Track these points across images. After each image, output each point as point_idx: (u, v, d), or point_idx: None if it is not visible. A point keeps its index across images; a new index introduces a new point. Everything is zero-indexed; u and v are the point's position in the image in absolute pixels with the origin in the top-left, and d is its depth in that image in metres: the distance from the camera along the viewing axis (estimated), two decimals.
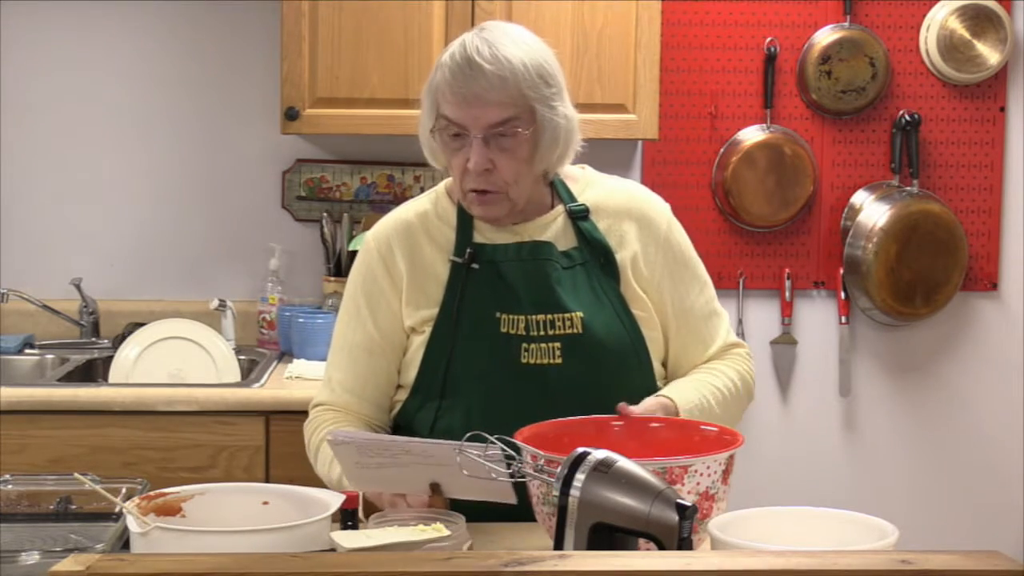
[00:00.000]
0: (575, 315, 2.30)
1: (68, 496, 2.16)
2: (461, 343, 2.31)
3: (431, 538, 1.94)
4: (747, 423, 4.09)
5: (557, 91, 2.29)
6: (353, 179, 3.96)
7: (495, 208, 2.32)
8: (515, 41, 2.27)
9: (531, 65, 2.25)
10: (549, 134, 2.28)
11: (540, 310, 2.30)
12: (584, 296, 2.32)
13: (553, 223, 2.37)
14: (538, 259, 2.33)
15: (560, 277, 2.32)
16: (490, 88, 2.23)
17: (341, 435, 2.11)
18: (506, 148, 2.26)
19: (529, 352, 2.29)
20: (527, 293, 2.31)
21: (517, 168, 2.28)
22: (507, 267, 2.33)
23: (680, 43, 4.01)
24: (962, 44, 4.03)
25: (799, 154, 4.03)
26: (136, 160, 3.95)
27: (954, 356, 4.17)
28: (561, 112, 2.29)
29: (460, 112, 2.25)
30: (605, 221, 2.37)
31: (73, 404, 3.25)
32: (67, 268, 3.90)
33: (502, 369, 2.29)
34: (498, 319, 2.31)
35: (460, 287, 2.32)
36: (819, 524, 1.88)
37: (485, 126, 2.24)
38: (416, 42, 3.58)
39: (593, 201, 2.39)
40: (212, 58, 3.94)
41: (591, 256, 2.35)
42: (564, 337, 2.30)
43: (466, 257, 2.33)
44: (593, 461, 1.73)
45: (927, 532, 4.08)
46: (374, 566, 1.44)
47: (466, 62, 2.24)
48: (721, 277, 4.07)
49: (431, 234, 2.39)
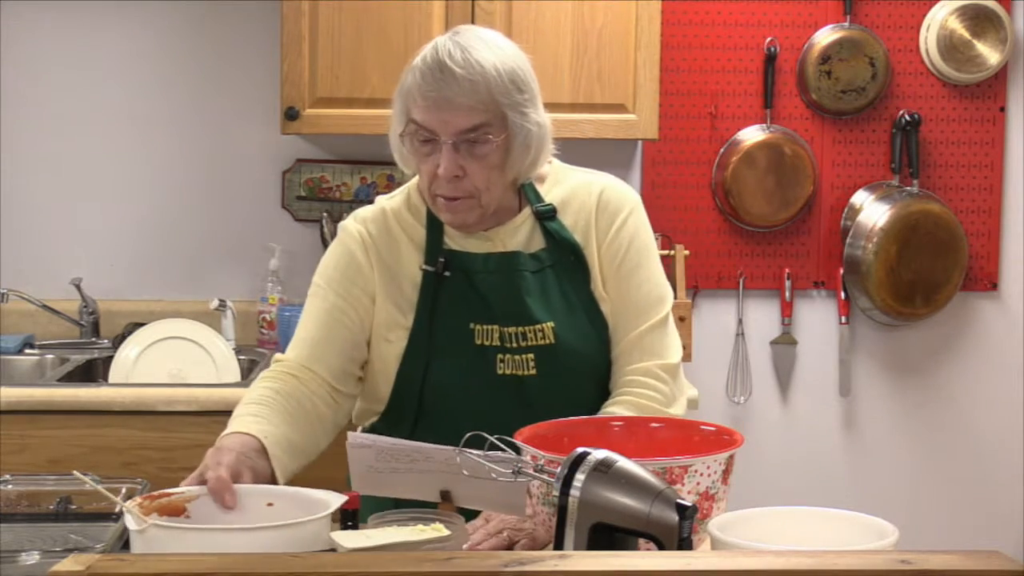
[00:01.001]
0: (546, 326, 2.29)
1: (68, 496, 2.16)
2: (437, 356, 2.30)
3: (431, 538, 1.94)
4: (747, 423, 4.10)
5: (530, 97, 2.25)
6: (353, 179, 3.96)
7: (465, 215, 2.29)
8: (488, 46, 2.24)
9: (504, 70, 2.22)
10: (520, 141, 2.25)
11: (512, 322, 2.29)
12: (555, 303, 2.31)
13: (522, 226, 2.35)
14: (507, 271, 2.31)
15: (529, 286, 2.30)
16: (461, 93, 2.19)
17: (360, 438, 2.07)
18: (477, 154, 2.23)
19: (505, 363, 2.29)
20: (498, 305, 2.30)
21: (488, 175, 2.25)
22: (478, 278, 2.31)
23: (680, 43, 4.01)
24: (962, 44, 4.03)
25: (799, 154, 4.03)
26: (136, 160, 3.96)
27: (954, 356, 4.17)
28: (533, 119, 2.25)
29: (430, 117, 2.21)
30: (571, 217, 2.35)
31: (73, 404, 3.25)
32: (67, 268, 3.90)
33: (479, 381, 2.29)
34: (472, 330, 2.29)
35: (432, 296, 2.30)
36: (819, 524, 1.88)
37: (455, 132, 2.21)
38: (416, 42, 3.54)
39: (560, 198, 2.36)
40: (212, 58, 3.94)
41: (560, 256, 2.33)
42: (536, 348, 2.29)
43: (438, 266, 2.31)
44: (593, 461, 1.73)
45: (927, 532, 4.08)
46: (374, 566, 1.44)
47: (437, 66, 2.20)
48: (721, 277, 4.08)
49: (407, 231, 2.36)
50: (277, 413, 2.24)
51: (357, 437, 2.08)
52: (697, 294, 4.05)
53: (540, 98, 2.31)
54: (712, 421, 2.21)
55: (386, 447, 2.07)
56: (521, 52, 2.30)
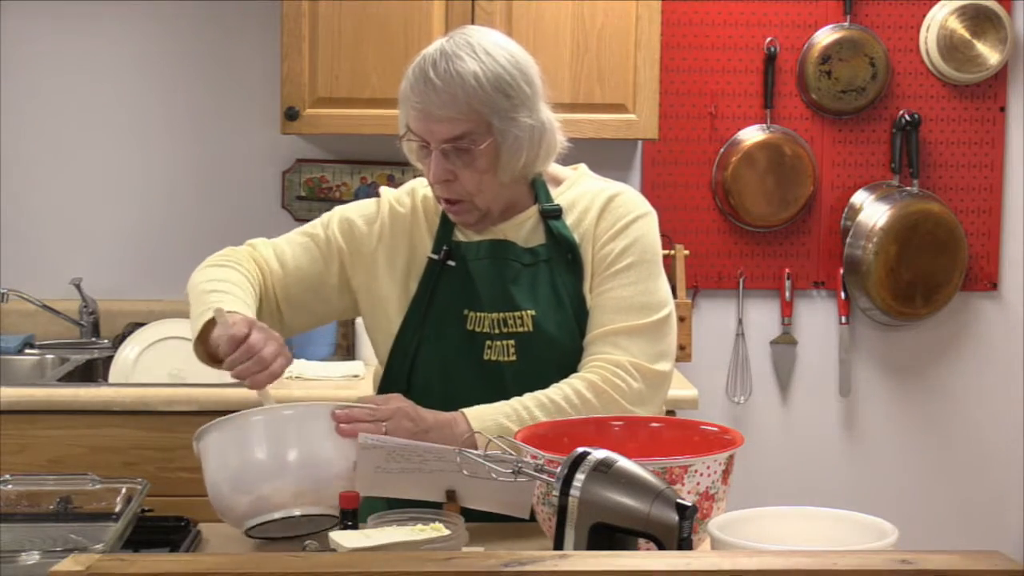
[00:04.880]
0: (526, 313, 2.30)
1: (68, 496, 2.16)
2: (429, 338, 2.33)
3: (430, 538, 1.94)
4: (747, 423, 4.10)
5: (520, 101, 2.26)
6: (353, 179, 3.96)
7: (464, 216, 2.34)
8: (477, 53, 2.25)
9: (487, 79, 2.23)
10: (510, 145, 2.26)
11: (497, 308, 2.31)
12: (542, 294, 2.31)
13: (526, 222, 2.36)
14: (496, 258, 2.34)
15: (517, 275, 2.32)
16: (441, 105, 2.22)
17: (371, 439, 2.07)
18: (464, 161, 2.26)
19: (492, 349, 2.31)
20: (485, 290, 2.33)
21: (478, 179, 2.27)
22: (474, 265, 2.34)
23: (680, 43, 4.01)
24: (962, 44, 4.03)
25: (799, 154, 4.03)
26: (136, 160, 3.95)
27: (954, 356, 4.17)
28: (524, 122, 2.26)
29: (418, 125, 2.27)
30: (575, 217, 2.35)
31: (73, 404, 3.25)
32: (67, 268, 3.90)
33: (466, 365, 2.31)
34: (465, 316, 2.32)
35: (433, 283, 2.34)
36: (819, 524, 1.88)
37: (440, 140, 2.25)
38: (416, 42, 3.57)
39: (570, 200, 2.37)
40: (212, 58, 3.94)
41: (557, 253, 2.33)
42: (517, 335, 2.30)
43: (441, 255, 2.34)
44: (593, 461, 1.73)
45: (927, 532, 4.08)
46: (374, 566, 1.44)
47: (422, 76, 2.24)
48: (721, 277, 4.08)
49: (428, 218, 2.41)
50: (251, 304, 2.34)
51: (368, 438, 2.08)
52: (697, 294, 4.05)
53: (540, 98, 2.31)
54: (712, 421, 2.22)
55: (397, 447, 2.07)
56: (519, 54, 2.30)
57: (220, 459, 2.11)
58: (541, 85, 2.32)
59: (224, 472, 2.10)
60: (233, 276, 2.36)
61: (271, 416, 2.11)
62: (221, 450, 2.11)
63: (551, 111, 2.34)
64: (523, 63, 2.29)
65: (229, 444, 2.10)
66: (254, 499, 2.06)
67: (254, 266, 2.42)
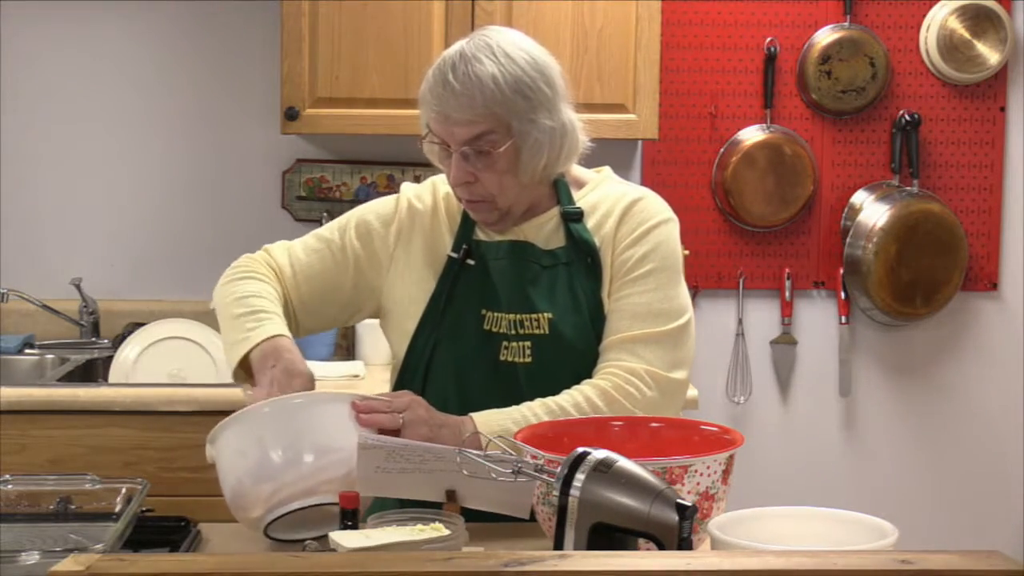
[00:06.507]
0: (543, 315, 2.29)
1: (68, 496, 2.16)
2: (446, 337, 2.33)
3: (430, 538, 1.94)
4: (747, 423, 4.10)
5: (539, 103, 2.25)
6: (353, 179, 3.96)
7: (485, 215, 2.33)
8: (495, 55, 2.24)
9: (504, 81, 2.22)
10: (530, 146, 2.25)
11: (514, 309, 2.31)
12: (560, 297, 2.31)
13: (547, 224, 2.36)
14: (516, 259, 2.33)
15: (537, 277, 2.32)
16: (458, 108, 2.22)
17: (371, 439, 2.07)
18: (484, 163, 2.26)
19: (508, 350, 2.30)
20: (504, 291, 2.32)
21: (499, 180, 2.27)
22: (493, 265, 2.34)
23: (680, 43, 4.01)
24: (962, 44, 4.03)
25: (799, 154, 4.03)
26: (136, 160, 3.96)
27: (954, 356, 4.17)
28: (544, 124, 2.25)
29: (438, 127, 2.27)
30: (596, 220, 2.34)
31: (73, 404, 3.25)
32: (67, 268, 3.90)
33: (481, 365, 2.31)
34: (483, 316, 2.32)
35: (451, 282, 2.34)
36: (819, 524, 1.88)
37: (459, 142, 2.25)
38: (416, 42, 3.58)
39: (591, 202, 2.36)
40: (212, 58, 3.94)
41: (576, 256, 2.32)
42: (533, 337, 2.30)
43: (461, 253, 2.34)
44: (593, 461, 1.73)
45: (927, 532, 4.08)
46: (374, 566, 1.44)
47: (441, 79, 2.24)
48: (721, 277, 4.08)
49: (449, 217, 2.40)
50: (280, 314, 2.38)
51: (368, 438, 2.08)
52: (697, 294, 4.05)
53: (562, 99, 2.29)
54: (712, 421, 2.22)
55: (397, 447, 2.07)
56: (540, 55, 2.28)
57: (239, 453, 2.11)
58: (563, 86, 2.30)
59: (243, 464, 2.09)
60: (258, 288, 2.39)
61: (280, 406, 2.12)
62: (239, 444, 2.11)
63: (573, 111, 2.32)
64: (543, 64, 2.28)
65: (246, 436, 2.10)
66: (277, 486, 2.06)
67: (272, 274, 2.43)
